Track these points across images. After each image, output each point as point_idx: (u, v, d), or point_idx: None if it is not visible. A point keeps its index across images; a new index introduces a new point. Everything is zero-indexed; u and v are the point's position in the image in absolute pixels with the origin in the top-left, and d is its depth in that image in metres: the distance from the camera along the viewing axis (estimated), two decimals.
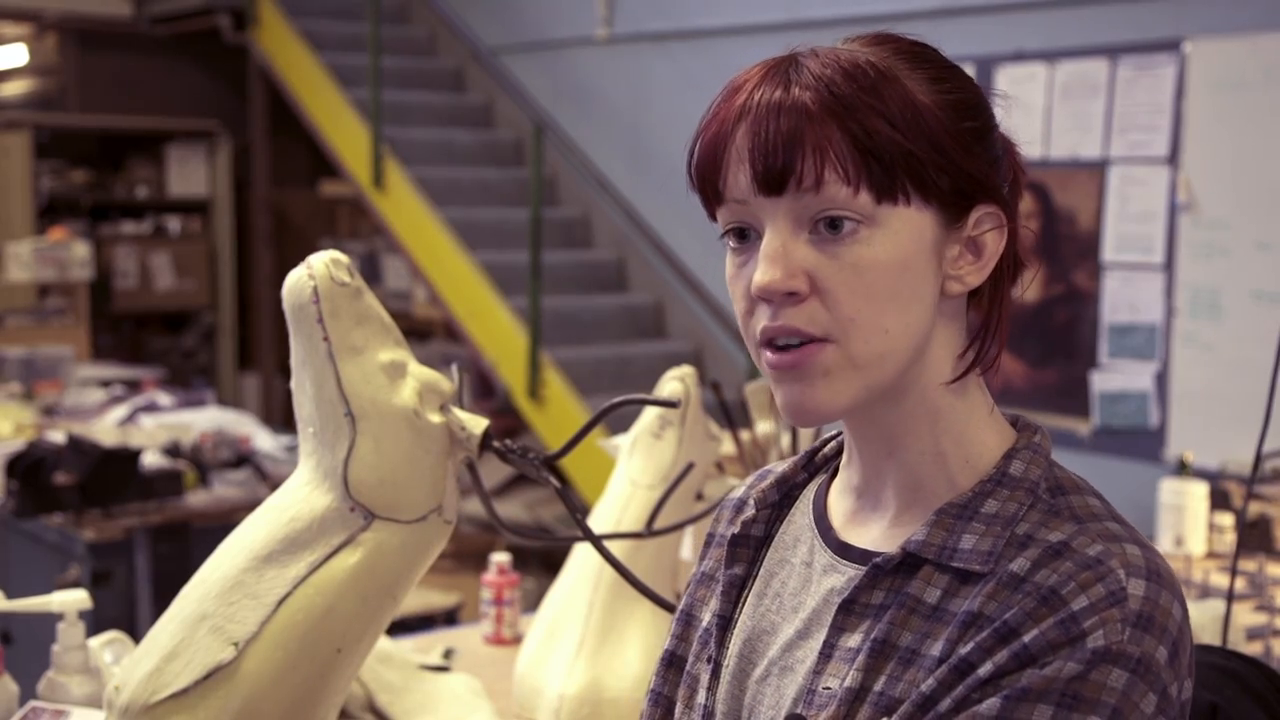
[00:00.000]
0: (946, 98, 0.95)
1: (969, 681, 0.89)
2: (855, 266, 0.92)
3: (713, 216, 0.99)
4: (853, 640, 0.96)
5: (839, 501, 1.05)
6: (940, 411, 0.98)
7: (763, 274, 0.92)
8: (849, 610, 0.97)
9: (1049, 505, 0.95)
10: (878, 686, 0.93)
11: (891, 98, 0.92)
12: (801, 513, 1.07)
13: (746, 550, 1.07)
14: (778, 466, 1.12)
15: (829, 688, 0.95)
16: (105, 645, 1.67)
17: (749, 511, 1.08)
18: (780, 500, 1.09)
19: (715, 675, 1.04)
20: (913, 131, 0.92)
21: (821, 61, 0.94)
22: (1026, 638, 0.88)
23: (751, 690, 1.02)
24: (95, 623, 1.96)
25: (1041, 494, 0.96)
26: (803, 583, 1.03)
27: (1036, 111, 4.45)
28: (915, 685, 0.91)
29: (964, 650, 0.90)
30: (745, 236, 0.96)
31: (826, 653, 0.96)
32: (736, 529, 1.08)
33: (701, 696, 1.04)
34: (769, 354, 0.94)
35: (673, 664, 1.11)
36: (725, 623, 1.06)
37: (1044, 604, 0.89)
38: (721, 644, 1.05)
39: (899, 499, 1.00)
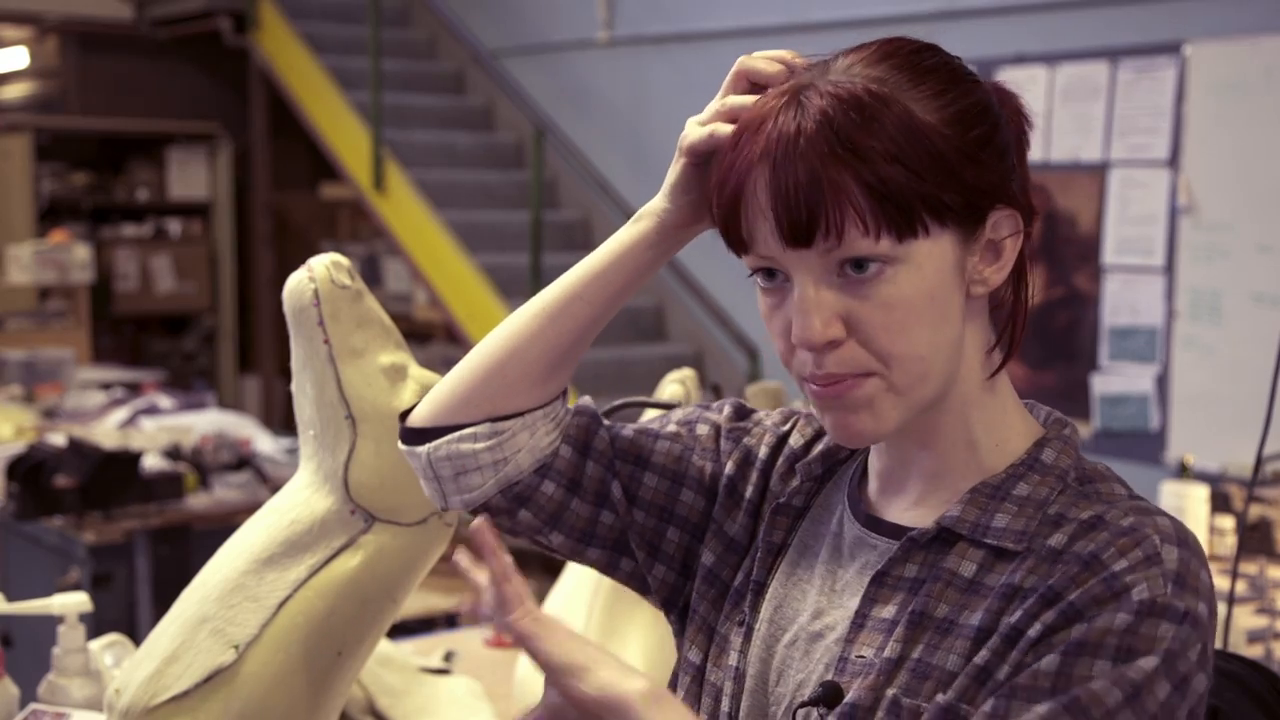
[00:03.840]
0: (950, 110, 0.95)
1: (1021, 645, 0.92)
2: (886, 305, 0.95)
3: (739, 255, 1.01)
4: (886, 611, 0.98)
5: (867, 481, 1.08)
6: (974, 404, 1.01)
7: (801, 328, 0.95)
8: (882, 582, 1.00)
9: (1078, 491, 0.98)
10: (915, 654, 0.95)
11: (896, 130, 0.93)
12: (838, 486, 1.10)
13: (785, 519, 1.10)
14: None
15: (863, 656, 0.98)
16: (106, 648, 1.67)
17: (794, 481, 1.11)
18: (823, 474, 1.11)
19: (747, 638, 1.07)
20: (923, 164, 0.93)
21: (825, 99, 0.94)
22: (1071, 597, 0.91)
23: (780, 654, 1.05)
24: (96, 625, 1.96)
25: (1070, 481, 0.99)
26: (832, 553, 1.06)
27: (1037, 114, 4.45)
28: (952, 652, 0.94)
29: (1012, 619, 0.92)
30: (773, 276, 0.98)
31: (859, 622, 0.99)
32: (782, 499, 1.10)
33: (733, 658, 1.07)
34: (814, 386, 0.98)
35: (711, 635, 1.10)
36: (760, 588, 1.08)
37: (1086, 568, 0.92)
38: (755, 608, 1.08)
39: (923, 484, 1.03)
